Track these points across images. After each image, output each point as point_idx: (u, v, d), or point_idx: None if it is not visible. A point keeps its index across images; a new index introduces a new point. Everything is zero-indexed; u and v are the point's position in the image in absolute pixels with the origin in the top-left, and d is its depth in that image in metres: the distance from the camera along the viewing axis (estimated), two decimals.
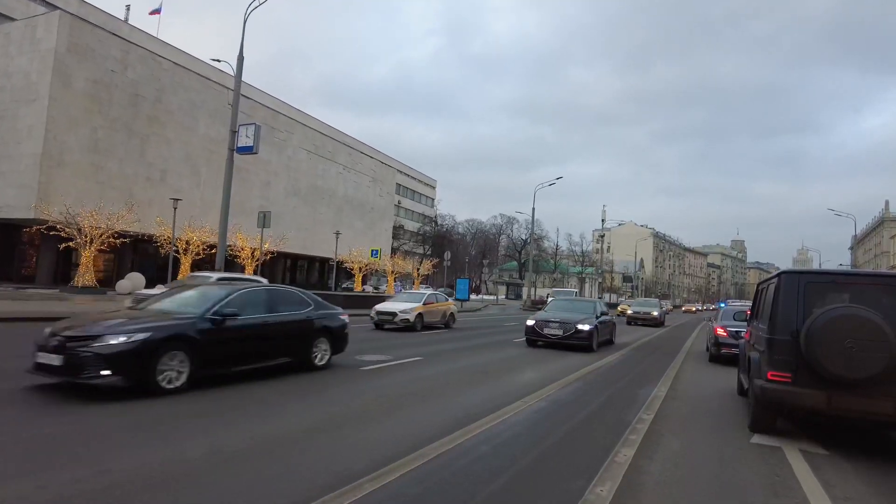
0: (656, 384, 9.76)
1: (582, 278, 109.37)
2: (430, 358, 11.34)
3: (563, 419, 6.72)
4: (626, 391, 9.04)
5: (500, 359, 12.07)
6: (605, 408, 7.59)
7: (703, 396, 9.21)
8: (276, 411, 6.25)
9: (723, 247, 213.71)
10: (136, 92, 32.00)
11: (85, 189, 29.19)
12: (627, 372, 11.30)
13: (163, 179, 33.51)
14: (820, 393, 5.57)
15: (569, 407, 7.37)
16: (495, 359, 12.02)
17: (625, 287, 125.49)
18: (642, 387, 9.50)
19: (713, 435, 6.43)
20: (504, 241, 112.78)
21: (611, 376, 10.56)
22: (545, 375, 9.93)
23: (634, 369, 11.86)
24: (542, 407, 7.29)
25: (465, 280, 44.32)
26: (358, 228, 53.25)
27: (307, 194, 46.61)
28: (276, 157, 43.18)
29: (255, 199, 41.24)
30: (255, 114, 40.66)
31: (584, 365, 11.55)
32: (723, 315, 15.14)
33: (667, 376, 10.90)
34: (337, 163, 50.06)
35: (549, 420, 6.67)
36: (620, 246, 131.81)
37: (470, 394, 7.87)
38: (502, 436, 5.76)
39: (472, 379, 9.20)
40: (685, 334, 24.98)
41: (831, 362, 5.38)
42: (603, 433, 6.14)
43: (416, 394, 7.57)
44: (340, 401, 6.96)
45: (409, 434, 5.55)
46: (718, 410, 8.04)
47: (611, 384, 9.60)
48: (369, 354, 11.13)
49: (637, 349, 16.56)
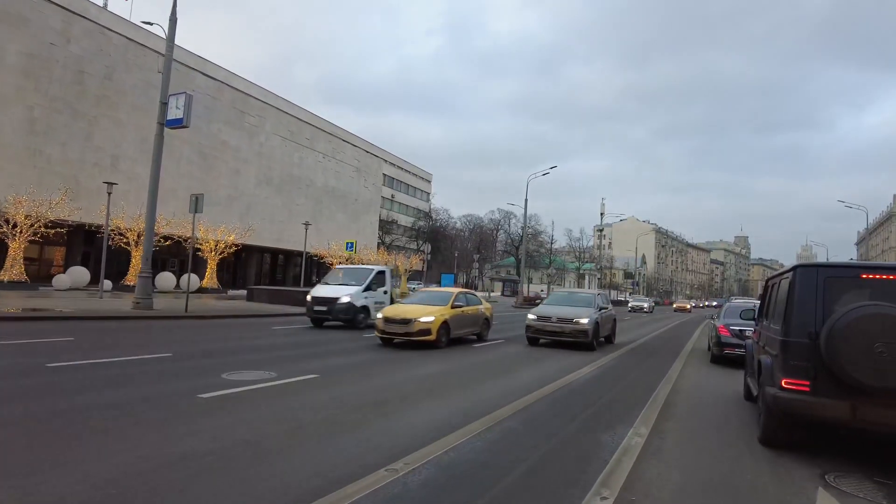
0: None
1: (581, 274, 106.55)
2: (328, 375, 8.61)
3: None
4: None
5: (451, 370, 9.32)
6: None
7: (705, 403, 8.18)
8: None
9: (726, 243, 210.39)
10: (81, 68, 29.19)
11: (20, 175, 26.46)
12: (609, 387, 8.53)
13: (114, 165, 30.72)
14: (843, 403, 4.95)
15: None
16: (442, 370, 9.27)
17: (626, 283, 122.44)
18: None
19: (720, 454, 5.45)
20: (502, 236, 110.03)
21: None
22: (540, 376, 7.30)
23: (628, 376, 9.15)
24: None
25: (449, 275, 41.53)
26: (340, 221, 50.44)
27: (282, 183, 43.77)
28: (247, 144, 40.34)
29: (222, 188, 38.45)
30: (221, 96, 37.91)
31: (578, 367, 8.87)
32: (725, 312, 14.10)
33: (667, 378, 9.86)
34: (316, 150, 47.19)
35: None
36: (622, 242, 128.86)
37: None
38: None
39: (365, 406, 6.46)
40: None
41: (857, 368, 4.78)
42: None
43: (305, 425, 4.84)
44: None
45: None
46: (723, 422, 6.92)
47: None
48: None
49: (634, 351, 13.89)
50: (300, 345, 12.33)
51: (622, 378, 10.05)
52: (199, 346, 11.08)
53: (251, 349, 10.95)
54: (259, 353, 10.41)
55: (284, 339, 13.23)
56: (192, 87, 35.74)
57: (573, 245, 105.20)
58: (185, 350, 10.29)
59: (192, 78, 35.63)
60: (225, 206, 38.52)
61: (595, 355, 12.84)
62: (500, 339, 15.76)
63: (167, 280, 31.72)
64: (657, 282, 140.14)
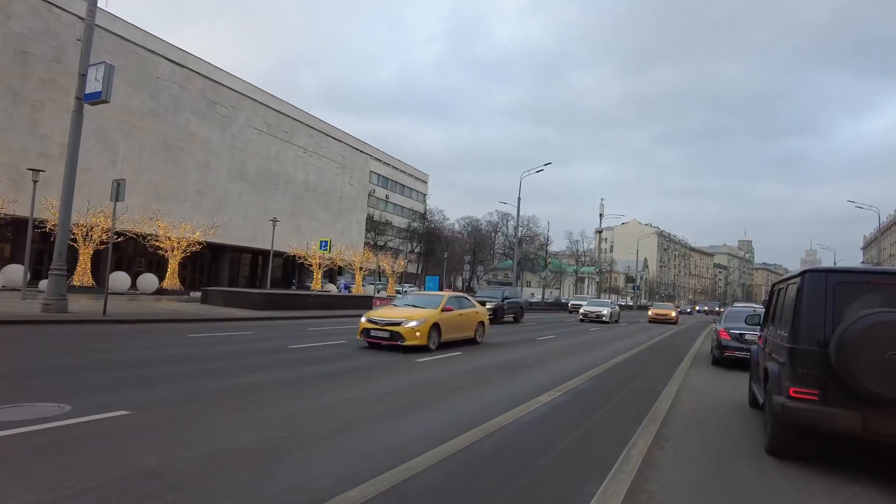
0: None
1: (580, 277, 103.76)
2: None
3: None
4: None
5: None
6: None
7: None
8: None
9: (729, 247, 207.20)
10: (24, 48, 26.77)
11: None
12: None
13: (63, 155, 28.08)
14: (854, 414, 4.67)
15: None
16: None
17: (627, 287, 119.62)
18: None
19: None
20: (500, 238, 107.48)
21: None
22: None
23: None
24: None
25: (434, 277, 39.03)
26: (322, 219, 47.91)
27: (257, 179, 41.26)
28: (218, 135, 37.84)
29: (190, 183, 35.97)
30: (189, 84, 35.48)
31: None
32: (726, 317, 14.99)
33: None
34: (295, 145, 44.67)
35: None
36: (623, 245, 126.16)
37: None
38: None
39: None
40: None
41: (869, 377, 4.53)
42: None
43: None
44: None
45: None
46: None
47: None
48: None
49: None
50: (191, 359, 9.75)
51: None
52: (45, 361, 8.53)
53: (107, 365, 8.40)
54: (110, 370, 7.86)
55: (177, 352, 10.66)
56: (157, 74, 33.39)
57: (573, 248, 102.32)
58: (16, 366, 7.74)
59: (156, 64, 33.23)
60: (193, 201, 36.08)
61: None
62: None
63: (122, 281, 29.21)
64: (659, 286, 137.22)
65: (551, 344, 17.05)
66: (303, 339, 14.27)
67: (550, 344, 17.04)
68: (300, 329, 16.94)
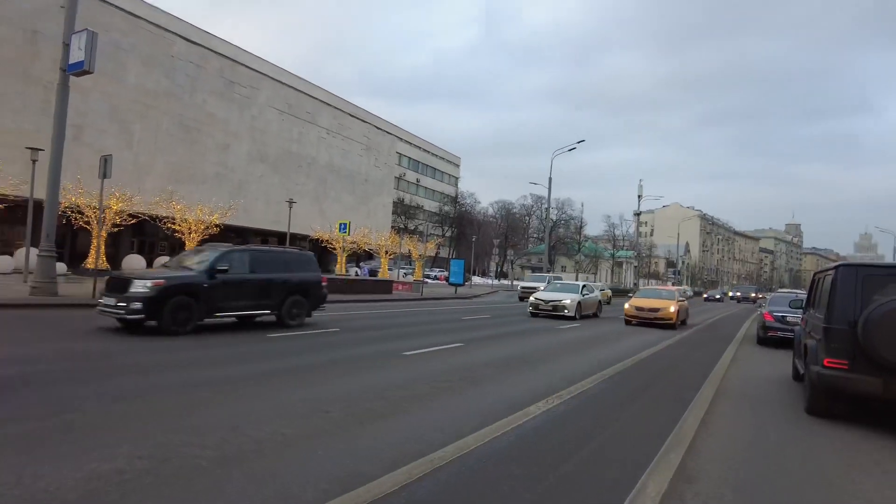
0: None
1: (618, 262, 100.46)
2: None
3: None
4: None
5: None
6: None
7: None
8: None
9: (776, 231, 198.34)
10: (34, 28, 26.19)
11: None
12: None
13: (77, 137, 27.74)
14: (876, 380, 5.74)
15: None
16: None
17: (668, 273, 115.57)
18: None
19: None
20: (535, 222, 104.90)
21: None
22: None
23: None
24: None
25: (459, 261, 37.35)
26: (347, 202, 46.87)
27: (279, 161, 40.37)
28: (237, 116, 37.01)
29: (209, 165, 35.31)
30: (206, 64, 34.64)
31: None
32: (770, 302, 16.07)
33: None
34: (318, 126, 43.57)
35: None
36: (664, 229, 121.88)
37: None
38: None
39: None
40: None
41: (889, 351, 5.57)
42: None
43: None
44: None
45: None
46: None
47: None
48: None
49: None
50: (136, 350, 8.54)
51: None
52: None
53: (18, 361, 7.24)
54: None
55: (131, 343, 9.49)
56: (172, 53, 32.63)
57: (610, 232, 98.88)
58: None
59: (170, 42, 32.45)
60: (212, 184, 35.45)
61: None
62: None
63: (136, 263, 28.74)
64: (702, 271, 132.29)
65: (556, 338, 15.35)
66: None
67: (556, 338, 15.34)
68: None
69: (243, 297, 11.46)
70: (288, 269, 12.44)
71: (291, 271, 12.48)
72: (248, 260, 11.72)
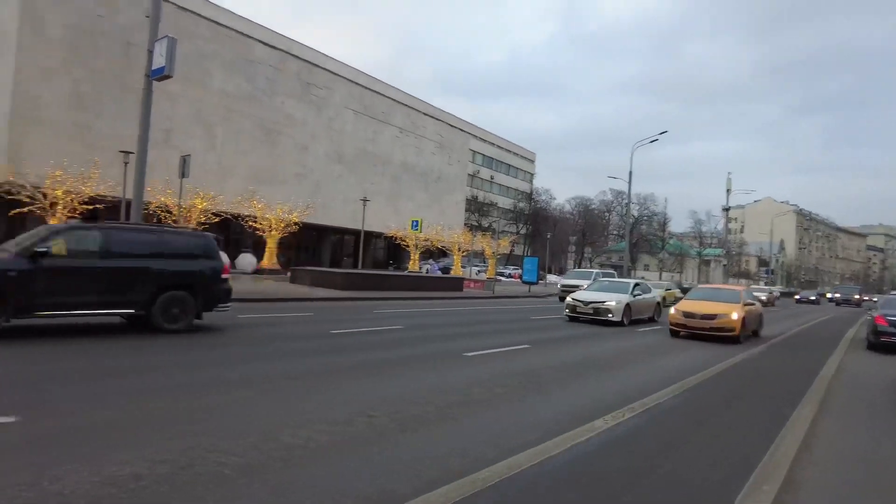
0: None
1: (705, 260, 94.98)
2: None
3: None
4: None
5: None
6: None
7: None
8: None
9: (887, 226, 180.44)
10: (128, 40, 27.92)
11: (68, 151, 25.58)
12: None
13: (167, 140, 29.37)
14: None
15: None
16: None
17: (760, 272, 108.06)
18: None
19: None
20: (615, 218, 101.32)
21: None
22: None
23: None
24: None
25: (533, 259, 36.37)
26: (420, 200, 47.06)
27: (355, 160, 41.08)
28: (315, 118, 37.97)
29: (289, 166, 36.46)
30: (285, 67, 35.76)
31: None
32: (883, 304, 15.35)
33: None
34: (392, 125, 43.99)
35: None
36: (755, 225, 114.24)
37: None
38: None
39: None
40: None
41: None
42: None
43: None
44: None
45: None
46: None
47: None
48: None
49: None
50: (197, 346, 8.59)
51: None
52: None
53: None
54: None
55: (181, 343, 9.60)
56: (252, 57, 33.91)
57: (696, 228, 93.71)
58: None
59: (251, 47, 33.74)
60: (292, 184, 36.58)
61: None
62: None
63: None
64: (798, 270, 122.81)
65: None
66: (357, 322, 12.86)
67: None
68: (364, 312, 15.64)
69: (83, 289, 8.50)
70: (168, 255, 9.56)
71: (173, 258, 9.60)
72: (98, 241, 8.87)
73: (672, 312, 14.34)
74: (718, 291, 15.88)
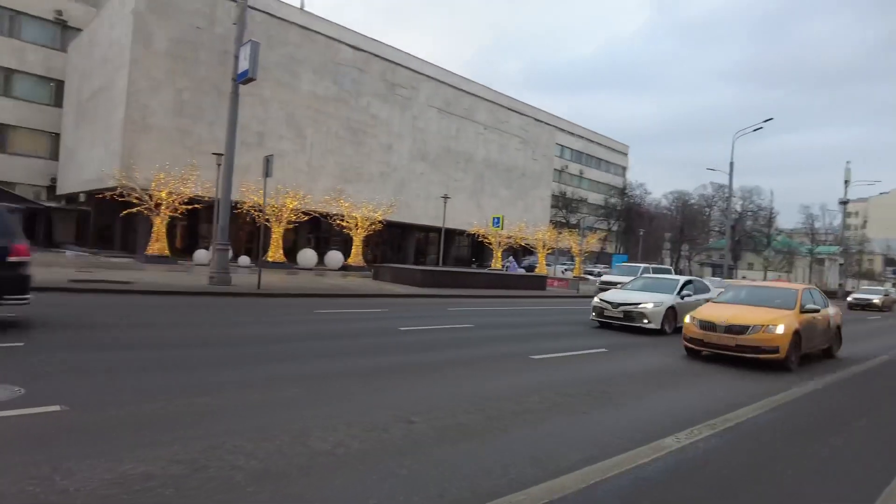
0: None
1: (819, 259, 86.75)
2: None
3: None
4: None
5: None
6: None
7: None
8: None
9: None
10: (225, 49, 29.47)
11: (172, 155, 27.54)
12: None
13: (260, 143, 30.81)
14: None
15: None
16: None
17: (886, 272, 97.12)
18: None
19: None
20: (716, 214, 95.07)
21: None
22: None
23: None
24: None
25: (622, 256, 34.83)
26: (504, 197, 46.40)
27: (438, 158, 41.18)
28: (399, 117, 38.42)
29: (374, 165, 37.14)
30: (369, 68, 36.45)
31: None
32: None
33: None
34: (475, 121, 43.65)
35: None
36: (881, 220, 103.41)
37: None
38: None
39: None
40: None
41: None
42: None
43: None
44: None
45: None
46: None
47: None
48: None
49: None
50: (265, 340, 8.67)
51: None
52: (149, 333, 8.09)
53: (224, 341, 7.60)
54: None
55: (265, 332, 9.72)
56: (338, 60, 34.83)
57: (808, 224, 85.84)
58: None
59: (337, 50, 34.66)
60: (377, 183, 37.27)
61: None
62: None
63: (309, 257, 31.20)
64: None
65: None
66: (428, 320, 12.63)
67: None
68: (438, 309, 15.40)
69: None
70: None
71: None
72: None
73: (687, 322, 10.11)
74: (766, 291, 11.26)
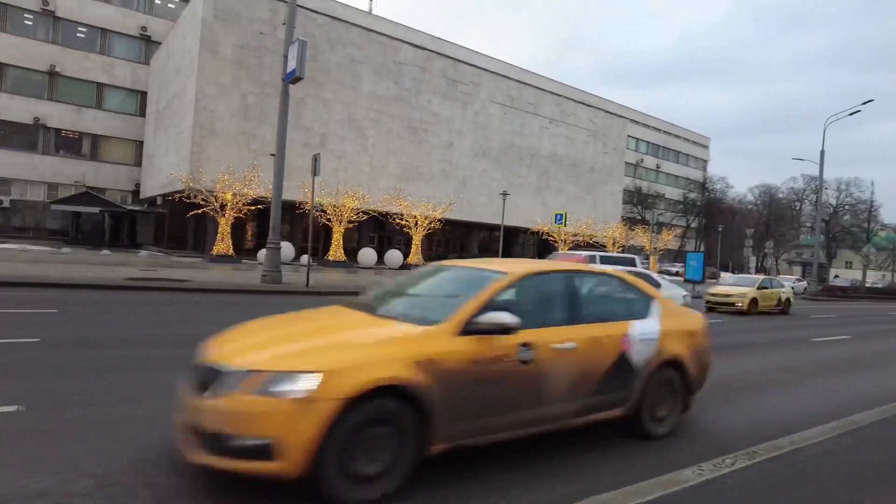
0: None
1: None
2: None
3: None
4: None
5: None
6: None
7: None
8: None
9: None
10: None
11: (238, 157, 28.62)
12: None
13: (322, 144, 31.40)
14: None
15: None
16: None
17: None
18: None
19: None
20: (807, 208, 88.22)
21: None
22: None
23: None
24: None
25: (698, 255, 32.47)
26: (571, 193, 44.96)
27: (500, 155, 40.44)
28: (460, 114, 38.04)
29: (434, 163, 36.99)
30: (430, 66, 36.33)
31: None
32: None
33: None
34: (540, 115, 42.51)
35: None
36: None
37: None
38: None
39: None
40: None
41: None
42: None
43: None
44: None
45: None
46: None
47: None
48: None
49: None
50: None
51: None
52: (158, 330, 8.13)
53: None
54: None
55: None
56: (399, 60, 34.91)
57: None
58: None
59: (397, 50, 34.74)
60: (438, 181, 37.12)
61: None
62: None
63: (368, 256, 31.43)
64: None
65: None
66: None
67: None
68: None
69: None
70: None
71: None
72: None
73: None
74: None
